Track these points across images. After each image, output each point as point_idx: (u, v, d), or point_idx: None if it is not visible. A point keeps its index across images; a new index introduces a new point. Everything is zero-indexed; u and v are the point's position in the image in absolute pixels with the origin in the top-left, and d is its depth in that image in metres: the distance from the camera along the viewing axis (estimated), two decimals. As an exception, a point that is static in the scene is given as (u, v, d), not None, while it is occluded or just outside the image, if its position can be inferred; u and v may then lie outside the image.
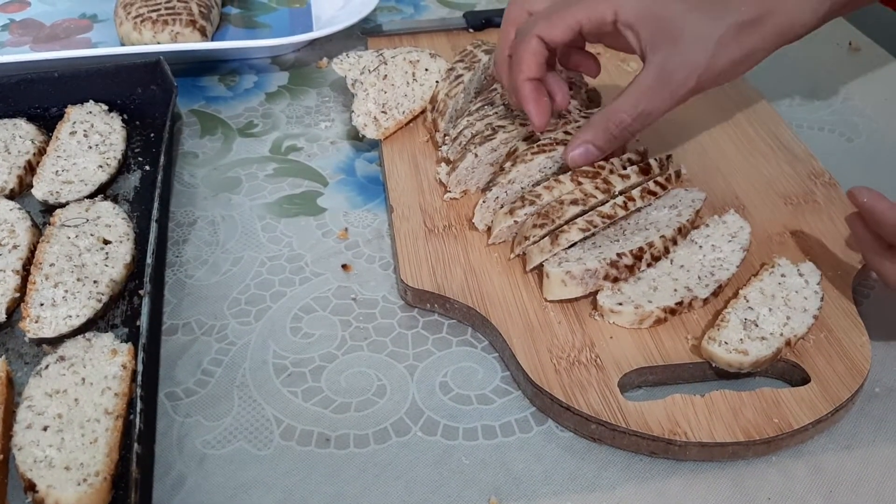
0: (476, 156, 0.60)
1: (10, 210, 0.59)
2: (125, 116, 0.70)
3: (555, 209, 0.54)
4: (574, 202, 0.54)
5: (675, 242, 0.55)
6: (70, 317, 0.51)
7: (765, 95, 0.74)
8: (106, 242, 0.57)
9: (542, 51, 0.55)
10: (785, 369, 0.49)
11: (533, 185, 0.58)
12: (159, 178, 0.59)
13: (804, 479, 0.45)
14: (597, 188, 0.55)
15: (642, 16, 0.52)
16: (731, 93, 0.72)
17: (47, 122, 0.69)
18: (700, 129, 0.69)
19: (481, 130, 0.62)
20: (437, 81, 0.70)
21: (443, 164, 0.63)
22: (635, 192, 0.55)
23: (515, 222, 0.56)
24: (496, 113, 0.63)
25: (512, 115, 0.62)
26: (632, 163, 0.58)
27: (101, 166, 0.64)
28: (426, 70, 0.71)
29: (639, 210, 0.57)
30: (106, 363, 0.48)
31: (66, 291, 0.52)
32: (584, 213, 0.54)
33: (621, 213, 0.55)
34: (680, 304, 0.51)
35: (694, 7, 0.52)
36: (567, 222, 0.53)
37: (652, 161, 0.58)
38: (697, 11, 0.52)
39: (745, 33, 0.53)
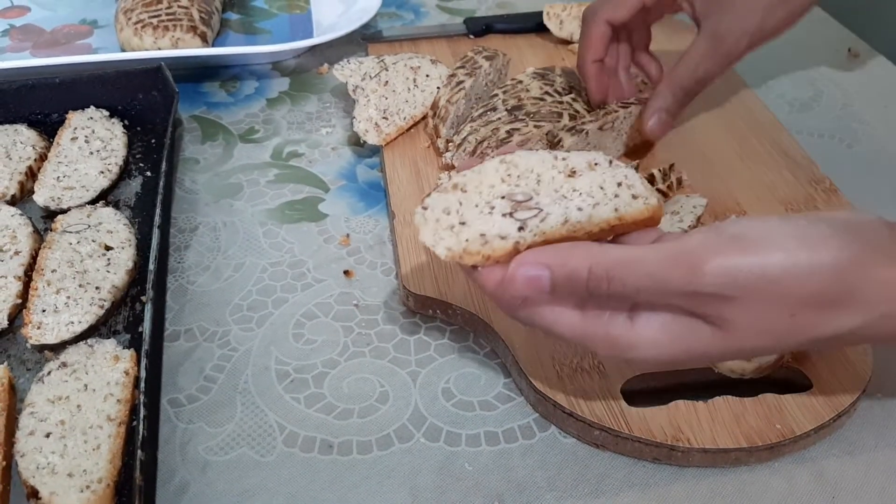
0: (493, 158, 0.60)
1: (12, 216, 0.59)
2: (126, 122, 0.70)
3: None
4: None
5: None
6: (72, 323, 0.51)
7: (765, 102, 0.74)
8: (107, 248, 0.57)
9: (608, 32, 0.62)
10: (787, 375, 0.49)
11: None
12: (161, 183, 0.59)
13: (807, 485, 0.45)
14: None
15: None
16: (732, 99, 0.73)
17: (48, 128, 0.69)
18: (701, 137, 0.69)
19: (487, 136, 0.62)
20: (438, 87, 0.70)
21: (450, 173, 0.63)
22: None
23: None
24: (500, 119, 0.64)
25: (519, 119, 0.62)
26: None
27: (102, 172, 0.64)
28: (427, 76, 0.71)
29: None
30: (108, 369, 0.48)
31: (68, 297, 0.52)
32: None
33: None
34: (682, 310, 0.51)
35: None
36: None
37: (655, 172, 0.58)
38: None
39: None
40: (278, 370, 0.51)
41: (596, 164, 0.43)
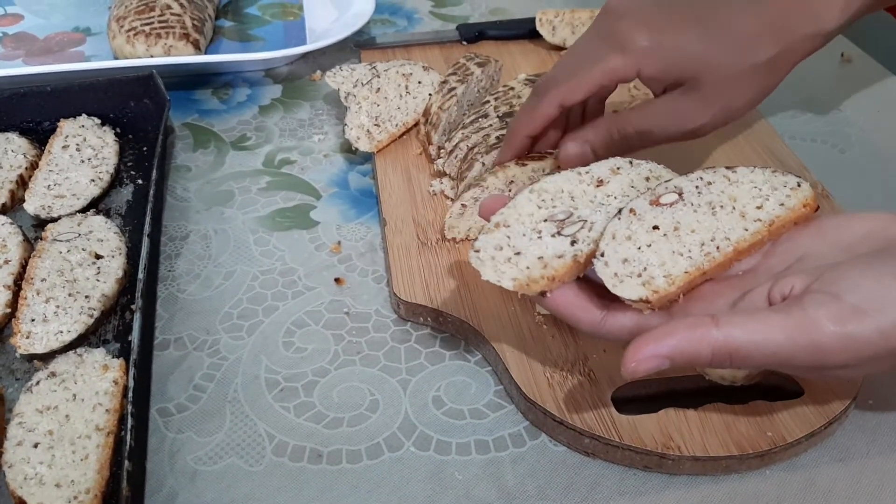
0: (483, 164, 0.60)
1: (2, 224, 0.58)
2: (118, 130, 0.70)
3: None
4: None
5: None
6: (61, 332, 0.51)
7: (758, 108, 0.74)
8: (98, 257, 0.56)
9: (556, 113, 0.54)
10: (778, 382, 0.49)
11: None
12: (151, 191, 0.59)
13: (798, 492, 0.45)
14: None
15: (664, 69, 0.52)
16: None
17: (40, 136, 0.69)
18: (693, 142, 0.69)
19: (478, 142, 0.62)
20: (430, 94, 0.70)
21: (441, 180, 0.63)
22: None
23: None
24: (491, 125, 0.64)
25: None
26: None
27: (93, 180, 0.64)
28: (419, 83, 0.71)
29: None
30: (97, 379, 0.48)
31: (58, 307, 0.52)
32: None
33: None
34: (673, 317, 0.51)
35: (713, 50, 0.51)
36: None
37: None
38: (717, 55, 0.51)
39: (762, 73, 0.52)
40: (268, 379, 0.51)
41: (618, 168, 0.47)
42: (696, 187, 0.45)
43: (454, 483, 0.46)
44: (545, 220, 0.44)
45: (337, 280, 0.58)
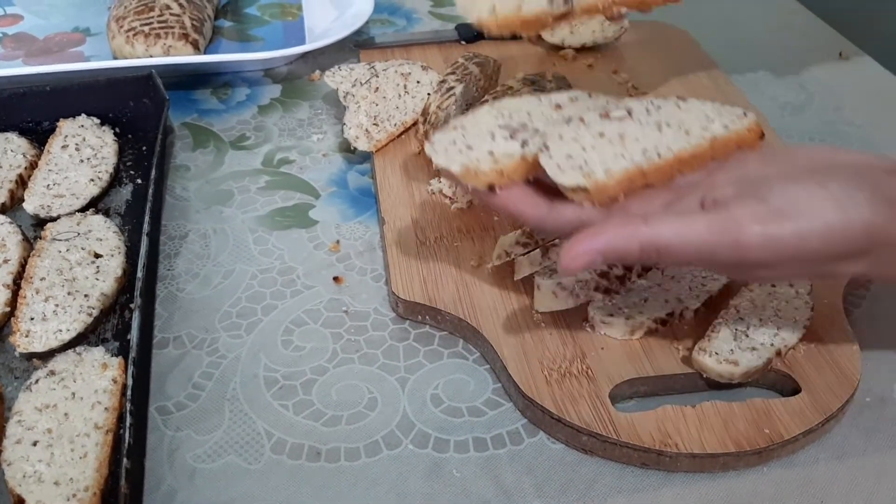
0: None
1: (1, 224, 0.58)
2: (117, 130, 0.70)
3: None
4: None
5: (665, 253, 0.55)
6: (60, 331, 0.51)
7: (756, 106, 0.74)
8: (97, 256, 0.57)
9: None
10: (776, 380, 0.49)
11: None
12: (150, 191, 0.59)
13: (795, 489, 0.45)
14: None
15: None
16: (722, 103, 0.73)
17: (39, 136, 0.69)
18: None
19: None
20: (428, 94, 0.70)
21: (441, 179, 0.63)
22: None
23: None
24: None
25: None
26: None
27: (92, 180, 0.64)
28: (418, 82, 0.71)
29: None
30: (96, 377, 0.48)
31: (57, 305, 0.52)
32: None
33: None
34: (671, 315, 0.51)
35: None
36: (551, 241, 0.53)
37: None
38: None
39: None
40: (267, 377, 0.51)
41: (576, 98, 0.49)
42: (647, 109, 0.47)
43: (452, 480, 0.46)
44: (500, 127, 0.47)
45: (336, 279, 0.58)
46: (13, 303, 0.54)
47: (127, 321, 0.54)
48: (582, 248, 0.41)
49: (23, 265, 0.56)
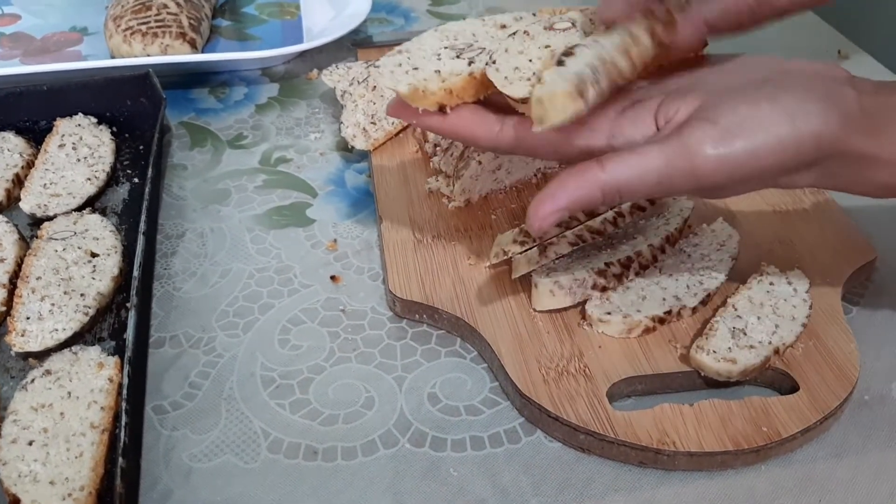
0: (480, 163, 0.60)
1: (-2, 223, 0.58)
2: (114, 129, 0.70)
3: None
4: (557, 223, 0.54)
5: (663, 251, 0.55)
6: (56, 330, 0.51)
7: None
8: (93, 255, 0.56)
9: None
10: (774, 378, 0.49)
11: None
12: (147, 190, 0.59)
13: (793, 487, 0.45)
14: (581, 210, 0.55)
15: None
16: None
17: (36, 135, 0.69)
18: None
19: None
20: (426, 92, 0.70)
21: (437, 177, 0.63)
22: (625, 207, 0.56)
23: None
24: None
25: None
26: None
27: (89, 179, 0.64)
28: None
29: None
30: (92, 377, 0.48)
31: (53, 305, 0.52)
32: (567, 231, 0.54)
33: (611, 229, 0.55)
34: (668, 313, 0.51)
35: None
36: (549, 240, 0.53)
37: None
38: None
39: None
40: (263, 376, 0.51)
41: (521, 17, 0.49)
42: (590, 20, 0.47)
43: (449, 479, 0.46)
44: (445, 48, 0.46)
45: (333, 278, 0.58)
46: (9, 302, 0.54)
47: (123, 320, 0.54)
48: (547, 209, 0.41)
49: (19, 264, 0.56)
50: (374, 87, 0.69)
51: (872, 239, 0.58)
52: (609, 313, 0.51)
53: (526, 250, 0.53)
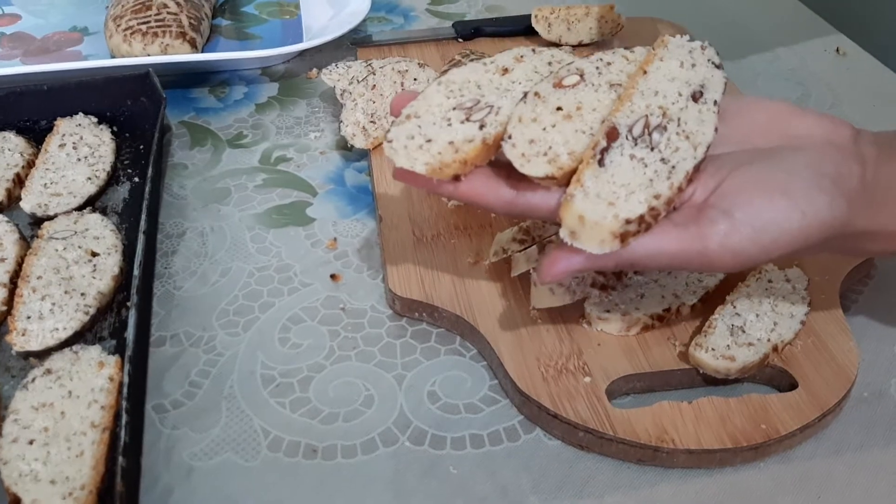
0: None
1: (-1, 223, 0.59)
2: (115, 128, 0.70)
3: (536, 226, 0.54)
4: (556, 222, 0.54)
5: (662, 249, 0.55)
6: (57, 329, 0.51)
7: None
8: (94, 255, 0.57)
9: None
10: (772, 375, 0.49)
11: None
12: (147, 189, 0.59)
13: (792, 485, 0.45)
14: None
15: None
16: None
17: (37, 135, 0.69)
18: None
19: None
20: (425, 91, 0.70)
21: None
22: None
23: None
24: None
25: None
26: None
27: (89, 178, 0.64)
28: (415, 80, 0.71)
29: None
30: (93, 376, 0.48)
31: (54, 304, 0.52)
32: None
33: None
34: (667, 310, 0.51)
35: None
36: (548, 238, 0.53)
37: None
38: None
39: None
40: (264, 375, 0.51)
41: (522, 56, 0.49)
42: (597, 68, 0.47)
43: (449, 477, 0.46)
44: (454, 109, 0.46)
45: (333, 276, 0.58)
46: (10, 302, 0.54)
47: (124, 319, 0.54)
48: (560, 268, 0.42)
49: (20, 264, 0.56)
50: (374, 86, 0.69)
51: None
52: (608, 311, 0.51)
53: (525, 248, 0.54)
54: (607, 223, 0.40)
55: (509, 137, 0.44)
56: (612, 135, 0.43)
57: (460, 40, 0.85)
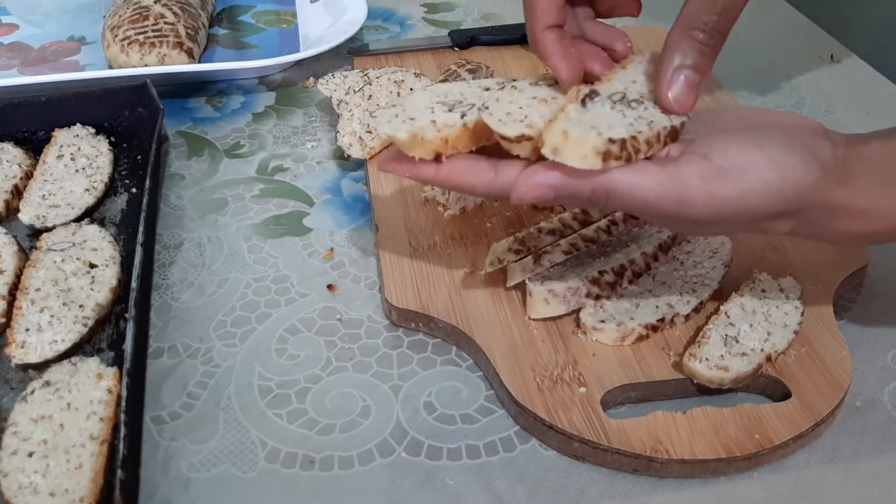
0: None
1: (-3, 235, 0.59)
2: (112, 139, 0.70)
3: (532, 237, 0.55)
4: (551, 232, 0.55)
5: (656, 259, 0.55)
6: (56, 342, 0.52)
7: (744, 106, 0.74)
8: (92, 266, 0.57)
9: None
10: (766, 385, 0.50)
11: None
12: (145, 200, 0.60)
13: (786, 494, 0.46)
14: (575, 219, 0.56)
15: None
16: (713, 107, 0.73)
17: (34, 146, 0.69)
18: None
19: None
20: (421, 100, 0.70)
21: (433, 185, 0.64)
22: (618, 216, 0.56)
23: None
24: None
25: None
26: None
27: (87, 189, 0.64)
28: (411, 90, 0.71)
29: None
30: (91, 388, 0.48)
31: (52, 316, 0.53)
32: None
33: (605, 237, 0.55)
34: (662, 320, 0.52)
35: None
36: (543, 248, 0.54)
37: None
38: None
39: None
40: (261, 386, 0.52)
41: (503, 84, 0.49)
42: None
43: (445, 488, 0.46)
44: (437, 103, 0.48)
45: (329, 286, 0.59)
46: (9, 314, 0.54)
47: (122, 331, 0.54)
48: (537, 180, 0.42)
49: (18, 276, 0.56)
50: (370, 96, 0.70)
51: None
52: (603, 321, 0.51)
53: (521, 258, 0.54)
54: (591, 139, 0.41)
55: (486, 108, 0.45)
56: (592, 94, 0.44)
57: (456, 49, 0.85)
